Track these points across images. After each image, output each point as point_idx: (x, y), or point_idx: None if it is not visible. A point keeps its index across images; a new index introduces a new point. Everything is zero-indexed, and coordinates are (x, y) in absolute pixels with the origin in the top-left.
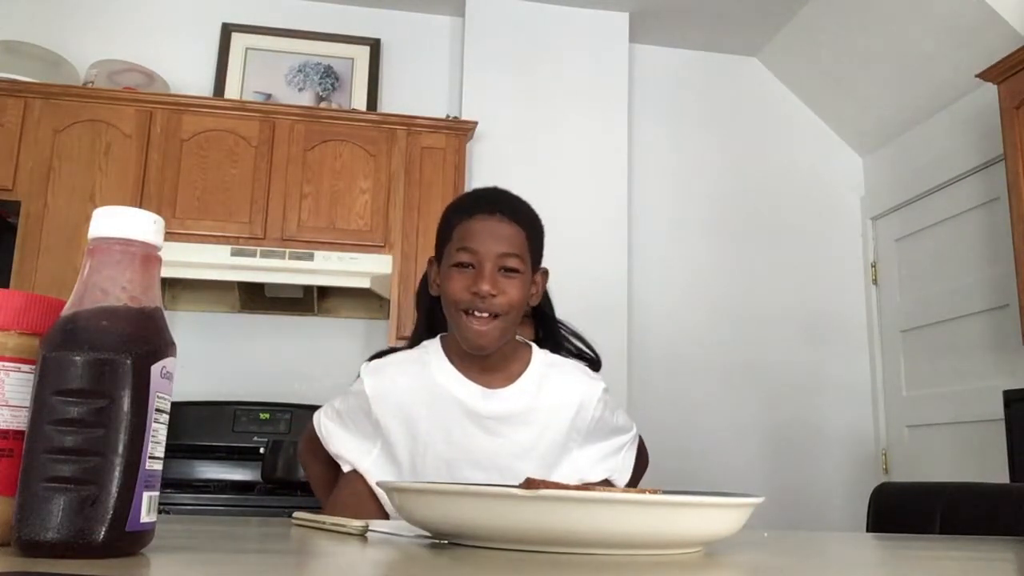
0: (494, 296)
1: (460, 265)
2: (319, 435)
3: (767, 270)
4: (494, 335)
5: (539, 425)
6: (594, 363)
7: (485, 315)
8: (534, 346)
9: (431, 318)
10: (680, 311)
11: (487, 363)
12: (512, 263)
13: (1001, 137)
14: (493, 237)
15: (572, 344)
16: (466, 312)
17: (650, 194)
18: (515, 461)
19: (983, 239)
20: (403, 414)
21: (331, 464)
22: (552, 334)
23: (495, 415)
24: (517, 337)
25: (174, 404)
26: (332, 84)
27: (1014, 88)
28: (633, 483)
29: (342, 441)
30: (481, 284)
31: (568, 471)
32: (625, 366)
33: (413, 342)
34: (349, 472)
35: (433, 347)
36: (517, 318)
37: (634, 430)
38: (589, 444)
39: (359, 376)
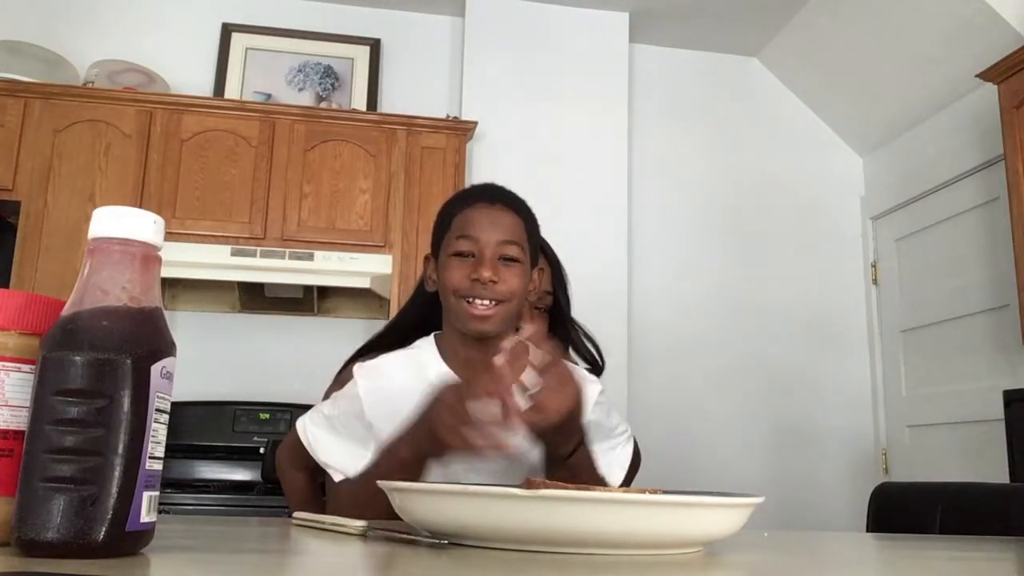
0: (495, 283)
1: (460, 254)
2: (305, 443)
3: (767, 270)
4: (495, 319)
5: None
6: (596, 368)
7: (486, 302)
8: (531, 346)
9: (424, 314)
10: (679, 311)
11: (484, 361)
12: (512, 251)
13: (1001, 137)
14: (493, 225)
15: (585, 348)
16: (466, 300)
17: (650, 194)
18: (510, 464)
19: (983, 239)
20: (396, 415)
21: (312, 473)
22: (566, 333)
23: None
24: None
25: (174, 404)
26: (332, 84)
27: (1014, 88)
28: (626, 483)
29: (332, 449)
30: (482, 270)
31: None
32: (625, 367)
33: (398, 329)
34: (342, 481)
35: (427, 346)
36: (517, 308)
37: (628, 430)
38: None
39: (338, 376)
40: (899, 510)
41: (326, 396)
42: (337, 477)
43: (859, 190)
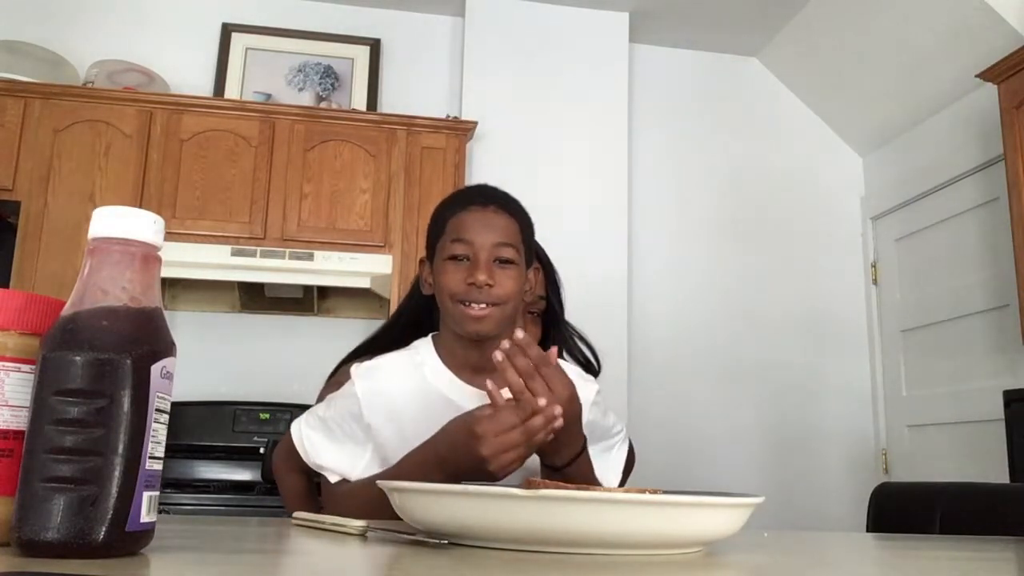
0: (490, 286)
1: (455, 258)
2: (299, 446)
3: (767, 270)
4: (492, 319)
5: None
6: (591, 369)
7: (482, 306)
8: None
9: (420, 316)
10: (680, 311)
11: (481, 364)
12: (507, 254)
13: (1001, 137)
14: (488, 228)
15: (579, 351)
16: (463, 303)
17: (650, 194)
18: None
19: (983, 239)
20: (395, 416)
21: (308, 475)
22: (560, 337)
23: None
24: None
25: (174, 404)
26: (332, 84)
27: (1014, 88)
28: (620, 483)
29: (328, 452)
30: (477, 274)
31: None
32: (625, 366)
33: (394, 331)
34: (339, 481)
35: (425, 347)
36: (514, 309)
37: (624, 430)
38: None
39: (331, 378)
40: (899, 510)
41: (320, 398)
42: (333, 479)
43: (859, 190)
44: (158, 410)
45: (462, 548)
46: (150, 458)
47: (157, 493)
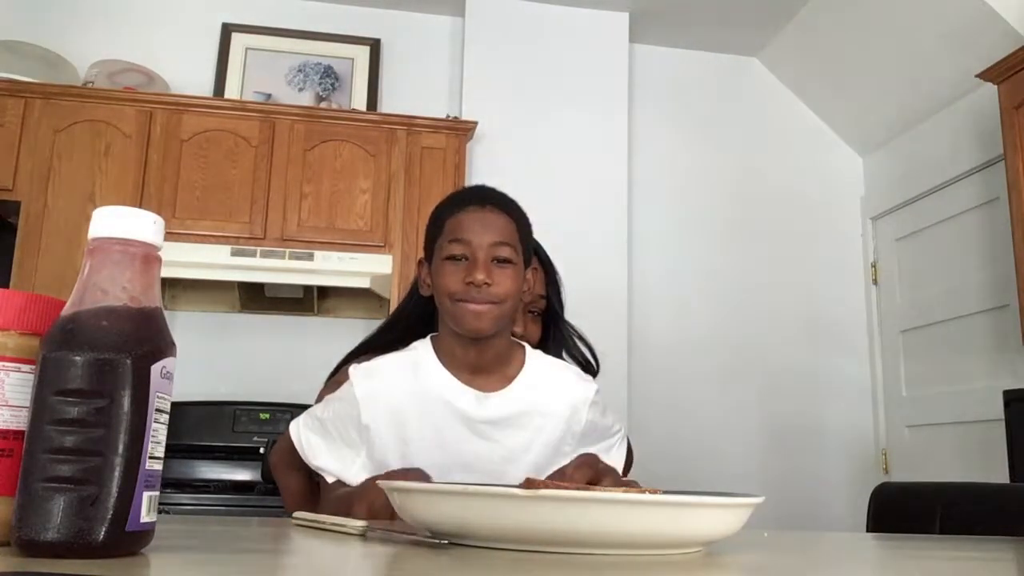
0: (489, 285)
1: (453, 258)
2: (298, 447)
3: (767, 270)
4: (491, 317)
5: (532, 429)
6: (589, 371)
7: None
8: (527, 347)
9: (419, 316)
10: (680, 311)
11: (480, 365)
12: (505, 253)
13: (1001, 137)
14: (485, 227)
15: (578, 350)
16: (461, 301)
17: (650, 194)
18: (507, 465)
19: (983, 239)
20: (394, 418)
21: (308, 474)
22: (560, 336)
23: (488, 419)
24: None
25: (174, 404)
26: (332, 84)
27: (1014, 88)
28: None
29: (324, 453)
30: (475, 273)
31: (559, 474)
32: (625, 366)
33: (392, 331)
34: (335, 483)
35: (424, 349)
36: (513, 309)
37: (622, 429)
38: (581, 448)
39: (331, 378)
40: (899, 510)
41: (319, 398)
42: (330, 479)
43: (859, 190)
44: (158, 410)
45: (462, 548)
46: (150, 458)
47: (157, 493)
